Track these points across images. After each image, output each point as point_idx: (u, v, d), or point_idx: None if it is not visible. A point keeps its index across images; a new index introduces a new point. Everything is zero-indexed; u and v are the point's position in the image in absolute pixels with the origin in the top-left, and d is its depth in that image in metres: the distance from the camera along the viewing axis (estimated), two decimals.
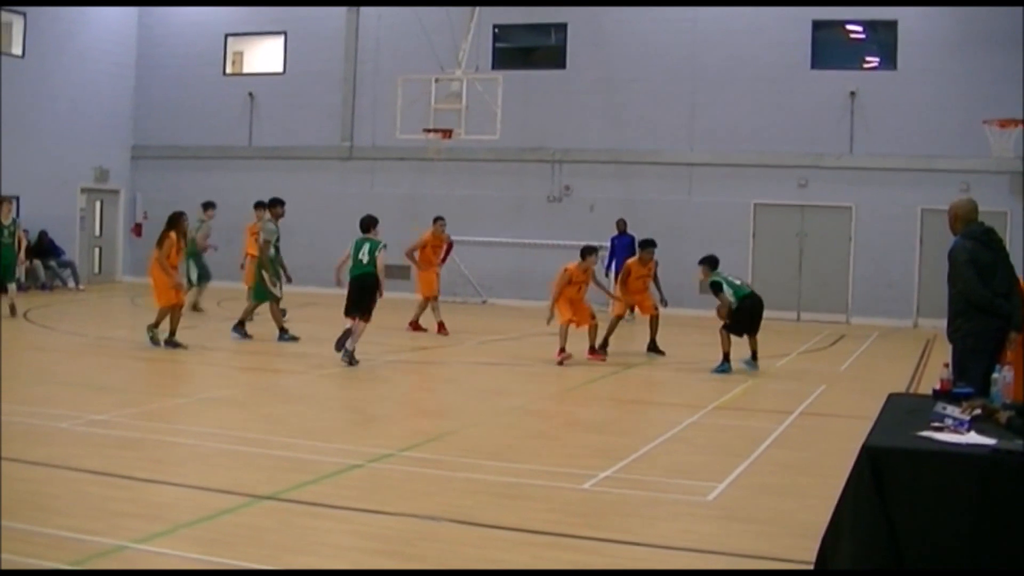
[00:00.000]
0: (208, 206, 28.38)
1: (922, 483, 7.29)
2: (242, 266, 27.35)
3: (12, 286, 26.57)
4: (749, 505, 10.63)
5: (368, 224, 21.19)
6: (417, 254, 26.30)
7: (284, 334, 23.23)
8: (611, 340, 22.53)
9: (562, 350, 21.25)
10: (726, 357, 20.43)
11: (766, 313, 20.79)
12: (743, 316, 20.65)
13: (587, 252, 21.89)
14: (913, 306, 31.99)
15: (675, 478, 11.58)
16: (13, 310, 26.02)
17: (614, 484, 11.27)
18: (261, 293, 23.34)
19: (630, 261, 23.64)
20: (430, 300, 26.07)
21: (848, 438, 9.44)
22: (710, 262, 21.39)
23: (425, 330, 25.90)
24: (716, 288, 20.73)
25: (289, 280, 24.06)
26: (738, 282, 21.11)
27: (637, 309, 24.29)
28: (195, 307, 27.17)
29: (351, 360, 20.16)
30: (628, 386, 19.43)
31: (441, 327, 25.49)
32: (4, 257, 25.97)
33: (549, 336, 22.37)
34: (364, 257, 20.64)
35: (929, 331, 28.02)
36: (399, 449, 12.56)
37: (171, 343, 21.27)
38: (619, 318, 23.02)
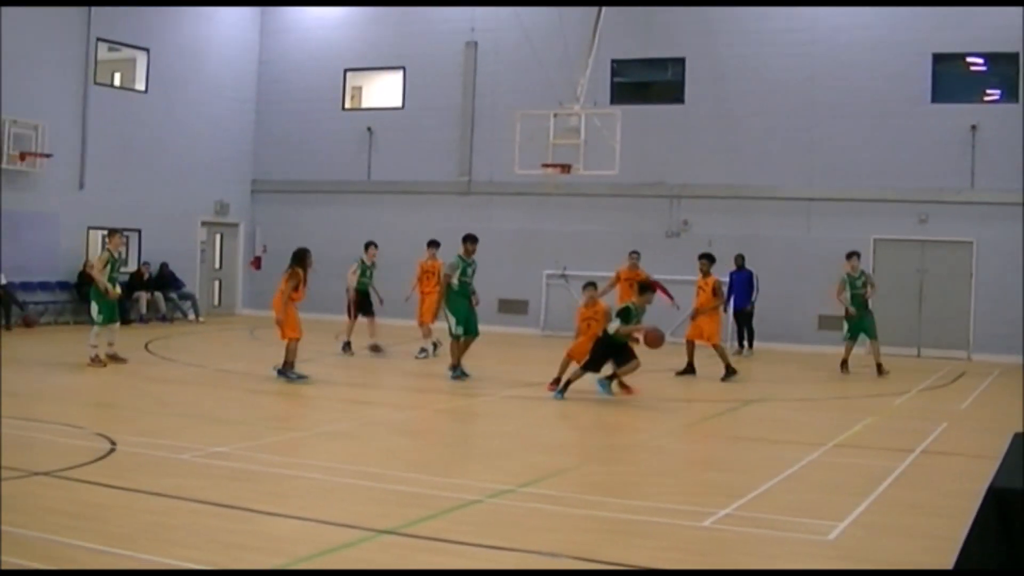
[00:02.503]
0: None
1: None
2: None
3: (116, 325, 24.09)
4: (870, 546, 10.50)
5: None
6: (619, 288, 27.07)
7: (455, 370, 23.17)
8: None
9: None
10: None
11: (886, 349, 20.48)
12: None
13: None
14: None
15: (796, 516, 11.45)
16: (97, 359, 23.10)
17: (734, 522, 11.18)
18: (451, 331, 23.35)
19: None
20: None
21: (971, 478, 9.35)
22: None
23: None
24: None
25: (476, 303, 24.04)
26: None
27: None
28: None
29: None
30: (745, 423, 19.27)
31: None
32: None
33: (665, 371, 22.34)
34: None
35: None
36: (518, 485, 12.53)
37: (289, 373, 21.62)
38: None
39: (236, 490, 11.83)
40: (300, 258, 22.04)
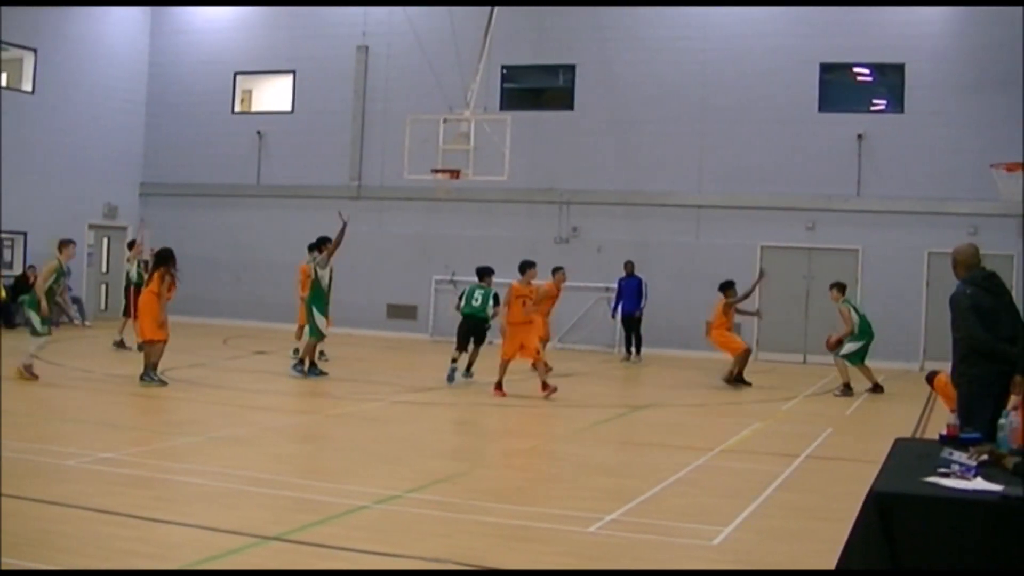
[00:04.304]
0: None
1: (929, 529, 7.29)
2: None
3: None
4: (757, 549, 10.64)
5: (482, 274, 24.56)
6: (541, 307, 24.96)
7: (313, 368, 24.13)
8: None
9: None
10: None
11: (773, 356, 20.64)
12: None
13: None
14: (920, 349, 31.93)
15: (684, 522, 11.55)
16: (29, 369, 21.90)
17: (623, 527, 11.25)
18: (316, 331, 24.12)
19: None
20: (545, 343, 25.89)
21: (856, 482, 9.46)
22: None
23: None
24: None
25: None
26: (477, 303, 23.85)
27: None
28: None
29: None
30: (637, 428, 19.42)
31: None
32: None
33: (557, 377, 22.45)
34: (477, 302, 23.97)
35: None
36: (407, 490, 12.55)
37: (150, 376, 21.70)
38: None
39: (126, 496, 11.71)
40: (167, 258, 22.40)
